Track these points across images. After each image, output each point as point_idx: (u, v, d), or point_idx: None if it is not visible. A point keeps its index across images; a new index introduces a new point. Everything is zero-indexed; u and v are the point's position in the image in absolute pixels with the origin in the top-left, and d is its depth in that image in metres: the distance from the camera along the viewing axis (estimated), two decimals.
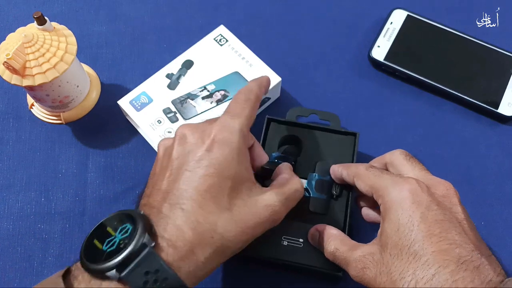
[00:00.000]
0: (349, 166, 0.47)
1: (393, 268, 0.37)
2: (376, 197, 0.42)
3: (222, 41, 0.59)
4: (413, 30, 0.63)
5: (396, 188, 0.40)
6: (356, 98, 0.61)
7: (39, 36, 0.52)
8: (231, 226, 0.38)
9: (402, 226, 0.38)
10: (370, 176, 0.44)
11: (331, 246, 0.45)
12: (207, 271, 0.38)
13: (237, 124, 0.42)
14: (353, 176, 0.46)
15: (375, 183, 0.43)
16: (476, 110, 0.60)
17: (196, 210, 0.37)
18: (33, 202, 0.56)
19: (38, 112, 0.60)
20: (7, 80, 0.52)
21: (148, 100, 0.57)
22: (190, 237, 0.36)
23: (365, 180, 0.44)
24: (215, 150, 0.40)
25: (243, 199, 0.40)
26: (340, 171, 0.48)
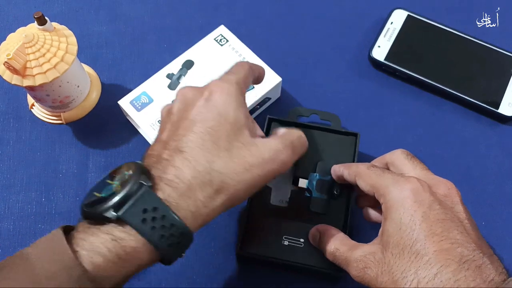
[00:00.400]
0: (350, 166, 0.47)
1: (395, 267, 0.37)
2: (377, 196, 0.42)
3: (223, 41, 0.59)
4: (413, 30, 0.63)
5: (397, 187, 0.40)
6: (356, 98, 0.61)
7: (40, 36, 0.52)
8: (230, 164, 0.38)
9: (404, 225, 0.38)
10: (372, 175, 0.43)
11: (331, 246, 0.45)
12: (209, 213, 0.37)
13: (234, 78, 0.42)
14: (354, 175, 0.45)
15: (377, 182, 0.42)
16: (477, 110, 0.60)
17: (194, 151, 0.37)
18: (34, 202, 0.56)
19: (38, 112, 0.60)
20: (8, 80, 0.52)
21: (148, 100, 0.57)
22: (187, 176, 0.36)
23: (366, 179, 0.44)
24: (213, 98, 0.40)
25: (243, 143, 0.39)
26: (341, 170, 0.48)
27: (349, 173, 0.47)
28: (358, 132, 0.54)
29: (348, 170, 0.47)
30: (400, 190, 0.40)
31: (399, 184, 0.40)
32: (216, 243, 0.54)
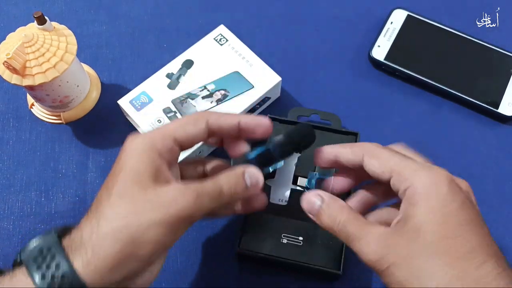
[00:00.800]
0: (354, 144, 0.43)
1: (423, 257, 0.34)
2: (397, 180, 0.38)
3: (222, 41, 0.59)
4: (413, 30, 0.63)
5: (430, 173, 0.37)
6: (356, 98, 0.61)
7: (39, 35, 0.52)
8: (112, 215, 0.36)
9: (440, 214, 0.35)
10: (392, 156, 0.39)
11: (343, 215, 0.39)
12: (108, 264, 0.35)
13: (153, 132, 0.40)
14: (363, 154, 0.41)
15: (399, 165, 0.38)
16: (476, 110, 0.60)
17: (93, 207, 0.38)
18: (33, 202, 0.56)
19: (38, 112, 0.60)
20: (7, 79, 0.52)
21: (148, 100, 0.57)
22: (81, 225, 0.37)
23: (384, 160, 0.39)
24: (120, 155, 0.40)
25: (131, 196, 0.37)
26: (338, 151, 0.43)
27: (354, 151, 0.42)
28: (358, 132, 0.54)
29: (353, 148, 0.42)
30: (433, 176, 0.37)
31: (431, 170, 0.37)
32: (216, 242, 0.54)
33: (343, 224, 0.39)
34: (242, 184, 0.40)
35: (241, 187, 0.40)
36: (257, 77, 0.57)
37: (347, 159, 0.42)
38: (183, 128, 0.40)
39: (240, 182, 0.40)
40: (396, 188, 0.39)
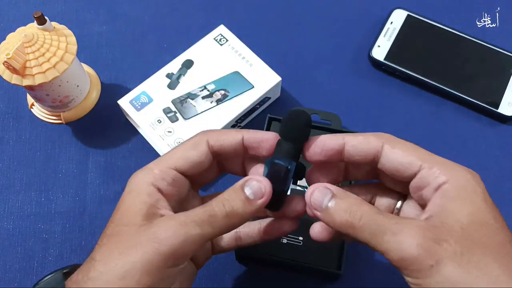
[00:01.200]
0: (366, 134, 0.37)
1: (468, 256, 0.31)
2: (427, 174, 0.34)
3: (222, 41, 0.59)
4: (413, 30, 0.63)
5: (465, 170, 0.34)
6: (356, 98, 0.61)
7: (39, 35, 0.52)
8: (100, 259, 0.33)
9: (481, 211, 0.33)
10: (418, 147, 0.36)
11: (364, 208, 0.34)
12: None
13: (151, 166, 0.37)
14: (383, 142, 0.36)
15: (429, 157, 0.35)
16: (476, 110, 0.60)
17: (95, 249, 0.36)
18: (33, 202, 0.56)
19: (38, 112, 0.60)
20: (7, 79, 0.52)
21: (148, 100, 0.56)
22: (82, 266, 0.35)
23: (411, 150, 0.35)
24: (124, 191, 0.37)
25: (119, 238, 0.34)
26: (344, 139, 0.37)
27: (369, 140, 0.36)
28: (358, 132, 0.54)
29: (368, 137, 0.37)
30: (469, 174, 0.34)
31: (462, 167, 0.35)
32: None
33: (369, 218, 0.33)
34: (240, 197, 0.35)
35: (238, 202, 0.35)
36: (257, 77, 0.57)
37: (359, 150, 0.36)
38: (184, 156, 0.37)
39: (237, 196, 0.35)
40: (423, 182, 0.34)
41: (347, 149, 0.37)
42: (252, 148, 0.38)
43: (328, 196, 0.35)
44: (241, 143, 0.38)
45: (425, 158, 0.35)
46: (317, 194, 0.35)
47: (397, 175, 0.36)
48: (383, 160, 0.36)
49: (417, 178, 0.35)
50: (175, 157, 0.37)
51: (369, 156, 0.36)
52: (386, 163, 0.36)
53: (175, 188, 0.37)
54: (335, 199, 0.35)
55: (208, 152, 0.38)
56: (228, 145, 0.38)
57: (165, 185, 0.36)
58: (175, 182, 0.37)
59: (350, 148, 0.37)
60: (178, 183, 0.37)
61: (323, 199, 0.35)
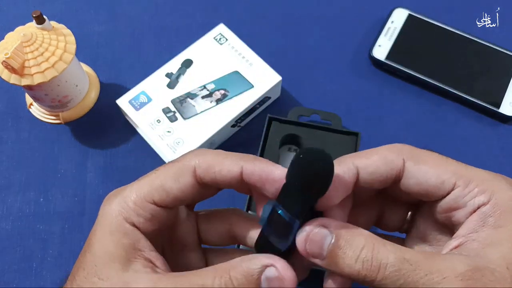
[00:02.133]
0: (377, 150, 0.31)
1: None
2: (462, 194, 0.28)
3: (222, 40, 0.59)
4: (414, 29, 0.63)
5: (503, 182, 0.29)
6: (357, 98, 0.61)
7: (38, 35, 0.51)
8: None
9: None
10: (447, 160, 0.30)
11: (381, 249, 0.27)
12: None
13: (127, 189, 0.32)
14: (404, 158, 0.29)
15: (457, 171, 0.29)
16: (478, 110, 0.60)
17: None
18: (32, 202, 0.56)
19: (37, 112, 0.60)
20: (6, 79, 0.51)
21: (147, 100, 0.56)
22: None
23: (442, 165, 0.29)
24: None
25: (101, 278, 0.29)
26: (356, 161, 0.30)
27: (386, 159, 0.30)
28: (359, 132, 0.53)
29: (382, 155, 0.30)
30: (508, 183, 0.29)
31: (503, 178, 0.29)
32: None
33: (391, 269, 0.26)
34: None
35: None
36: (257, 77, 0.57)
37: (377, 175, 0.29)
38: (163, 187, 0.31)
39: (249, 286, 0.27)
40: (456, 203, 0.29)
41: (363, 178, 0.30)
42: (254, 187, 0.30)
43: (328, 238, 0.28)
44: (239, 178, 0.30)
45: (459, 173, 0.29)
46: (313, 238, 0.28)
47: (424, 196, 0.30)
48: (405, 181, 0.29)
49: (449, 199, 0.29)
50: (154, 187, 0.31)
51: (390, 180, 0.30)
52: (411, 184, 0.29)
53: (155, 225, 0.31)
54: (339, 243, 0.27)
55: (194, 184, 0.31)
56: (221, 180, 0.30)
57: (142, 222, 0.30)
58: (154, 218, 0.31)
59: (366, 177, 0.30)
60: (158, 219, 0.31)
61: (322, 244, 0.28)
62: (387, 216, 0.34)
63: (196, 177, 0.31)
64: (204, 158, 0.31)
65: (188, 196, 0.31)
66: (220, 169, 0.30)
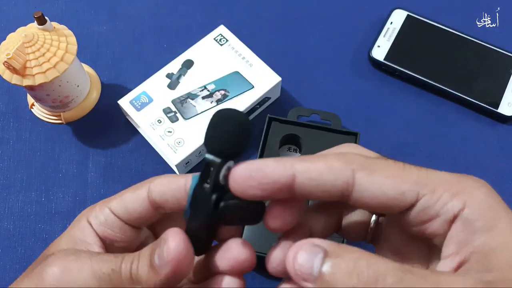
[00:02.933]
0: (323, 156, 0.27)
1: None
2: (431, 203, 0.26)
3: (222, 41, 0.59)
4: (413, 30, 0.63)
5: (471, 182, 0.26)
6: (356, 98, 0.61)
7: (39, 36, 0.52)
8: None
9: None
10: (404, 167, 0.26)
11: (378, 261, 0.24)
12: None
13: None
14: (353, 169, 0.26)
15: (418, 180, 0.26)
16: (476, 110, 0.60)
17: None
18: (34, 202, 0.56)
19: (38, 112, 0.60)
20: (8, 80, 0.52)
21: (148, 100, 0.56)
22: None
23: (399, 174, 0.26)
24: None
25: None
26: (292, 167, 0.26)
27: (332, 169, 0.26)
28: (358, 132, 0.54)
29: (329, 162, 0.26)
30: (476, 182, 0.26)
31: (462, 177, 0.27)
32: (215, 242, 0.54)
33: (392, 279, 0.23)
34: (146, 261, 0.27)
35: (144, 268, 0.27)
36: (257, 77, 0.57)
37: (319, 184, 0.26)
38: (122, 200, 0.32)
39: (144, 259, 0.28)
40: (426, 214, 0.26)
41: (300, 183, 0.26)
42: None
43: (319, 256, 0.25)
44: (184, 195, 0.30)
45: (421, 181, 0.26)
46: (303, 257, 0.25)
47: (383, 210, 0.27)
48: (358, 194, 0.26)
49: (417, 211, 0.26)
50: (116, 198, 0.32)
51: (335, 191, 0.26)
52: (365, 198, 0.26)
53: (106, 230, 0.32)
54: (330, 259, 0.24)
55: (147, 201, 0.31)
56: (171, 200, 0.30)
57: (97, 224, 0.32)
58: (107, 222, 0.32)
59: (305, 181, 0.26)
60: (110, 224, 0.32)
61: (313, 262, 0.25)
62: (348, 221, 0.31)
63: (150, 199, 0.31)
64: (160, 180, 0.31)
65: (145, 214, 0.31)
66: (170, 187, 0.31)
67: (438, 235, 0.26)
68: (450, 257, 0.25)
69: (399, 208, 0.26)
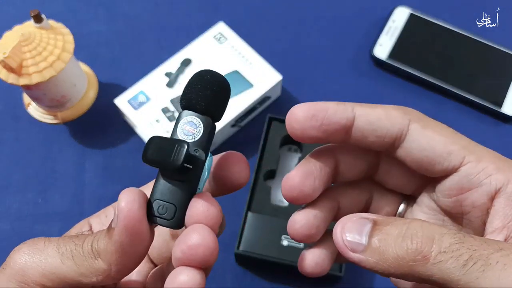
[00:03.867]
0: (382, 106, 0.27)
1: None
2: (475, 171, 0.25)
3: (222, 40, 0.59)
4: (415, 28, 0.63)
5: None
6: (358, 97, 0.61)
7: (36, 34, 0.51)
8: None
9: None
10: (452, 130, 0.26)
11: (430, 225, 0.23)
12: None
13: None
14: (410, 120, 0.26)
15: (467, 146, 0.26)
16: (479, 110, 0.60)
17: None
18: (31, 203, 0.55)
19: (35, 112, 0.59)
20: (4, 79, 0.51)
21: (146, 99, 0.56)
22: None
23: (445, 133, 0.26)
24: None
25: None
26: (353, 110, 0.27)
27: (391, 116, 0.26)
28: None
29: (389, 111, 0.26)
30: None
31: (507, 159, 0.26)
32: None
33: (449, 241, 0.22)
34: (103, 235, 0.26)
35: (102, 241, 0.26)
36: (257, 76, 0.57)
37: (376, 128, 0.26)
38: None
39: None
40: (468, 182, 0.25)
41: (358, 126, 0.26)
42: None
43: (368, 226, 0.24)
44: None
45: (470, 148, 0.25)
46: (351, 228, 0.24)
47: (427, 167, 0.26)
48: (407, 145, 0.26)
49: (457, 176, 0.26)
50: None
51: (389, 139, 0.26)
52: (413, 149, 0.26)
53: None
54: (381, 226, 0.24)
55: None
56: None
57: None
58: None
59: (363, 125, 0.26)
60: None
61: (361, 233, 0.24)
62: (376, 205, 0.30)
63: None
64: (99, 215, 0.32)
65: None
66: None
67: (476, 207, 0.26)
68: (496, 231, 0.25)
69: (442, 168, 0.26)
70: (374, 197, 0.31)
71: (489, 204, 0.25)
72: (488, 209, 0.25)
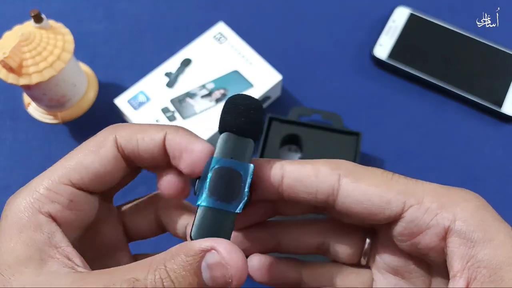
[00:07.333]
0: (312, 162, 0.27)
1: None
2: (420, 214, 0.25)
3: (222, 40, 0.59)
4: (416, 28, 0.63)
5: (461, 194, 0.26)
6: (358, 97, 0.61)
7: (36, 34, 0.51)
8: None
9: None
10: (391, 177, 0.26)
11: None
12: None
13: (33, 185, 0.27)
14: (340, 175, 0.26)
15: (405, 189, 0.26)
16: (480, 110, 0.60)
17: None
18: None
19: (35, 112, 0.59)
20: (4, 79, 0.51)
21: (146, 99, 0.56)
22: None
23: (385, 183, 0.26)
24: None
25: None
26: (282, 167, 0.27)
27: (320, 173, 0.27)
28: (360, 132, 0.53)
29: (317, 167, 0.27)
30: (466, 194, 0.26)
31: (451, 189, 0.26)
32: None
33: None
34: (191, 279, 0.22)
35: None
36: (257, 76, 0.56)
37: (306, 186, 0.27)
38: (81, 164, 0.27)
39: (188, 277, 0.22)
40: (415, 226, 0.25)
41: (288, 184, 0.27)
42: (173, 157, 0.27)
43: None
44: (162, 146, 0.27)
45: (408, 191, 0.25)
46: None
47: (368, 218, 0.26)
48: (342, 200, 0.26)
49: (406, 222, 0.26)
50: (70, 165, 0.27)
51: (321, 195, 0.26)
52: (350, 204, 0.26)
53: (75, 212, 0.27)
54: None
55: (116, 156, 0.27)
56: (144, 149, 0.27)
57: (59, 210, 0.26)
58: (73, 204, 0.26)
59: (292, 183, 0.27)
60: (77, 205, 0.27)
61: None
62: (337, 244, 0.30)
63: (118, 147, 0.28)
64: (126, 128, 0.28)
65: (110, 173, 0.27)
66: (143, 136, 0.27)
67: (431, 249, 0.25)
68: (457, 275, 0.24)
69: (385, 217, 0.26)
70: (331, 240, 0.30)
71: (443, 243, 0.25)
72: (444, 249, 0.25)
